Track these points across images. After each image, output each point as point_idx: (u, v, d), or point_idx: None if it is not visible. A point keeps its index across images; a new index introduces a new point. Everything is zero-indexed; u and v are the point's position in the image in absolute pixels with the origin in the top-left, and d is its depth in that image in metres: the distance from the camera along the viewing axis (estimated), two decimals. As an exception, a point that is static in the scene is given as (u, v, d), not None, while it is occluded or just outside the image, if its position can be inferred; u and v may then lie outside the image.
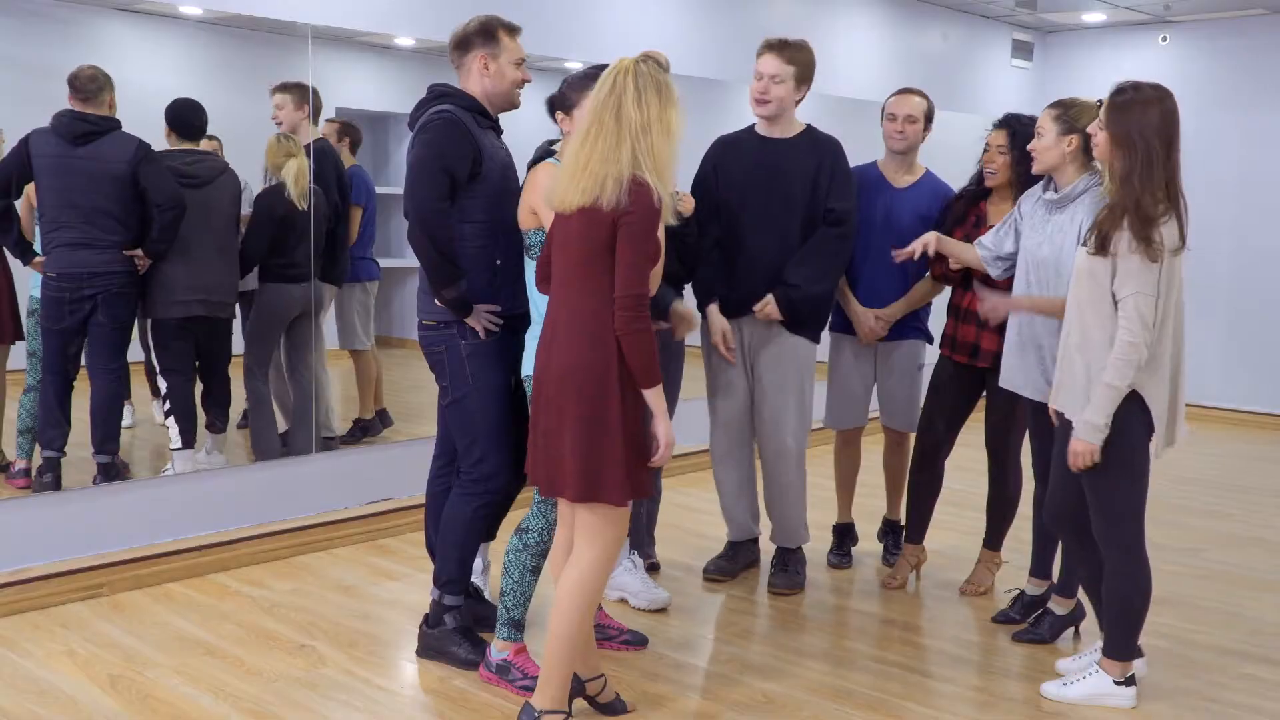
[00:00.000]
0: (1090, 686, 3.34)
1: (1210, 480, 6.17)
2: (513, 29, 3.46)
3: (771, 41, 4.04)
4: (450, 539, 3.49)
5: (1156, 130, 3.09)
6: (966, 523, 4.94)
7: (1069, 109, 3.60)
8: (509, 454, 3.45)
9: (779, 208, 4.05)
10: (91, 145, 4.08)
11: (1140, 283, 3.06)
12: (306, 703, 3.26)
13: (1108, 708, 3.31)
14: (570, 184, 2.82)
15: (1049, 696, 3.37)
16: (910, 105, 4.29)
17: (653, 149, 2.77)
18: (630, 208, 2.74)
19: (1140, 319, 3.06)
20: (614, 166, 2.76)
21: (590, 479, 2.80)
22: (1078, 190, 3.58)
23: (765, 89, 4.00)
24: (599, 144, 2.78)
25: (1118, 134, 3.12)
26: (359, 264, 5.19)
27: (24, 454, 4.23)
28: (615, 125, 2.77)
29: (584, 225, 2.80)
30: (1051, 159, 3.61)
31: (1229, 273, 7.77)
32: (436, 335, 3.40)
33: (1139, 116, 3.10)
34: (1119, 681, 3.32)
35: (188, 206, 4.29)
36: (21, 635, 3.70)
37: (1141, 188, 3.07)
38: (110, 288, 4.15)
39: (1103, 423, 3.14)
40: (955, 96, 7.64)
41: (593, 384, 2.79)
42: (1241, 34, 7.77)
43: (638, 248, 2.77)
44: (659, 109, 2.79)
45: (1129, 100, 3.13)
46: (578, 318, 2.83)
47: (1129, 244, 3.06)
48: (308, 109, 4.71)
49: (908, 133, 4.29)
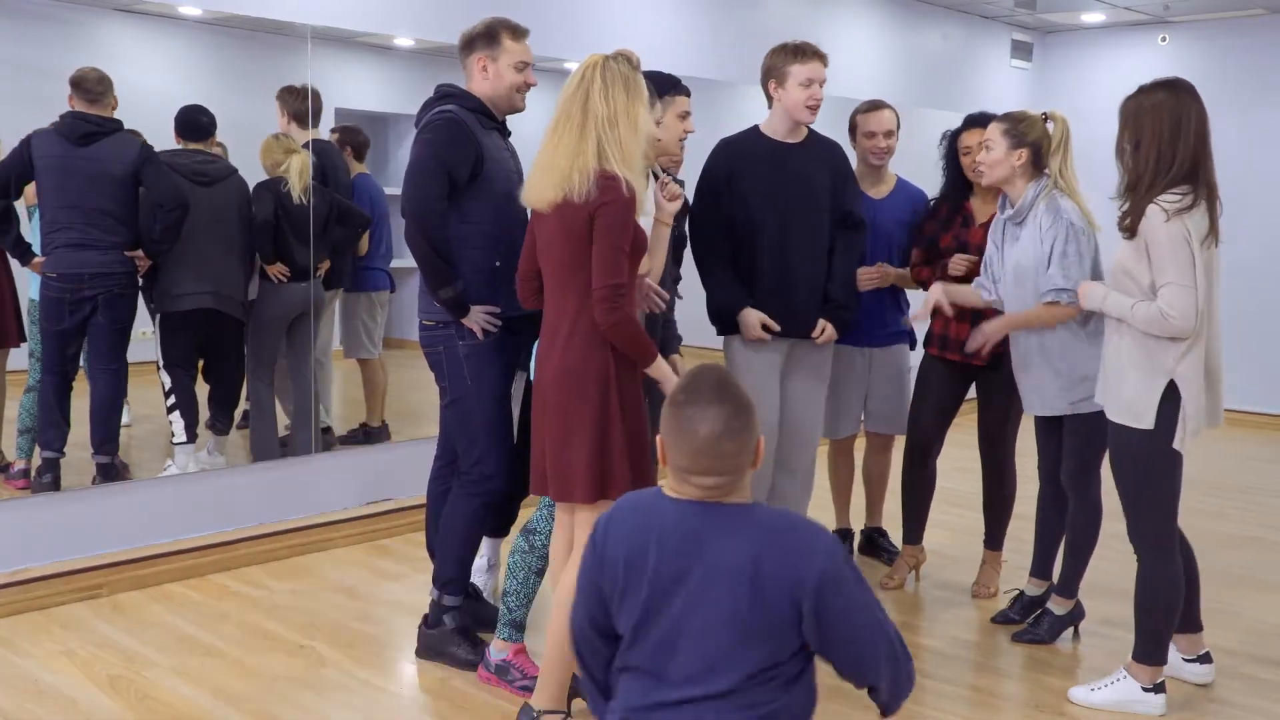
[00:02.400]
0: (1118, 692, 3.29)
1: (1210, 480, 6.17)
2: (518, 31, 3.44)
3: (818, 49, 3.87)
4: (449, 539, 3.49)
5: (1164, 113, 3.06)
6: (964, 522, 4.94)
7: (1018, 123, 3.65)
8: (508, 454, 3.45)
9: (812, 218, 3.92)
10: (94, 146, 4.08)
11: (1176, 272, 3.01)
12: (306, 703, 3.26)
13: (1129, 714, 3.26)
14: (542, 179, 2.85)
15: (1076, 702, 3.33)
16: (887, 121, 4.29)
17: (620, 141, 2.80)
18: (600, 200, 2.76)
19: (1177, 308, 2.99)
20: (580, 159, 2.78)
21: (598, 478, 2.83)
22: (1029, 199, 3.62)
23: (819, 97, 3.86)
24: (565, 137, 2.81)
25: (1124, 122, 3.13)
26: (367, 274, 5.18)
27: (24, 454, 4.23)
28: (581, 118, 2.80)
29: (561, 224, 2.82)
30: (1002, 172, 3.65)
31: (1229, 273, 7.61)
32: (436, 335, 3.40)
33: (1145, 105, 3.10)
34: (1147, 688, 3.26)
35: (199, 204, 4.32)
36: (21, 636, 3.70)
37: (1141, 168, 3.07)
38: (111, 288, 4.15)
39: (1099, 304, 3.17)
40: (955, 97, 7.63)
41: (591, 384, 2.81)
42: (1241, 34, 7.77)
43: (610, 240, 2.78)
44: (626, 103, 2.81)
45: (1137, 94, 3.14)
46: (569, 319, 2.85)
47: (1152, 230, 3.03)
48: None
49: (890, 147, 4.30)
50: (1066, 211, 3.53)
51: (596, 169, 2.78)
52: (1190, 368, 3.09)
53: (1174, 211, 3.01)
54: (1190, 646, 3.46)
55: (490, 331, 3.35)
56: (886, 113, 4.31)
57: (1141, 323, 3.07)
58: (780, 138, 3.95)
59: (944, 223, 4.15)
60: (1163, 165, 3.05)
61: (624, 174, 2.78)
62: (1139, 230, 3.06)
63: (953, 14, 7.73)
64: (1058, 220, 3.54)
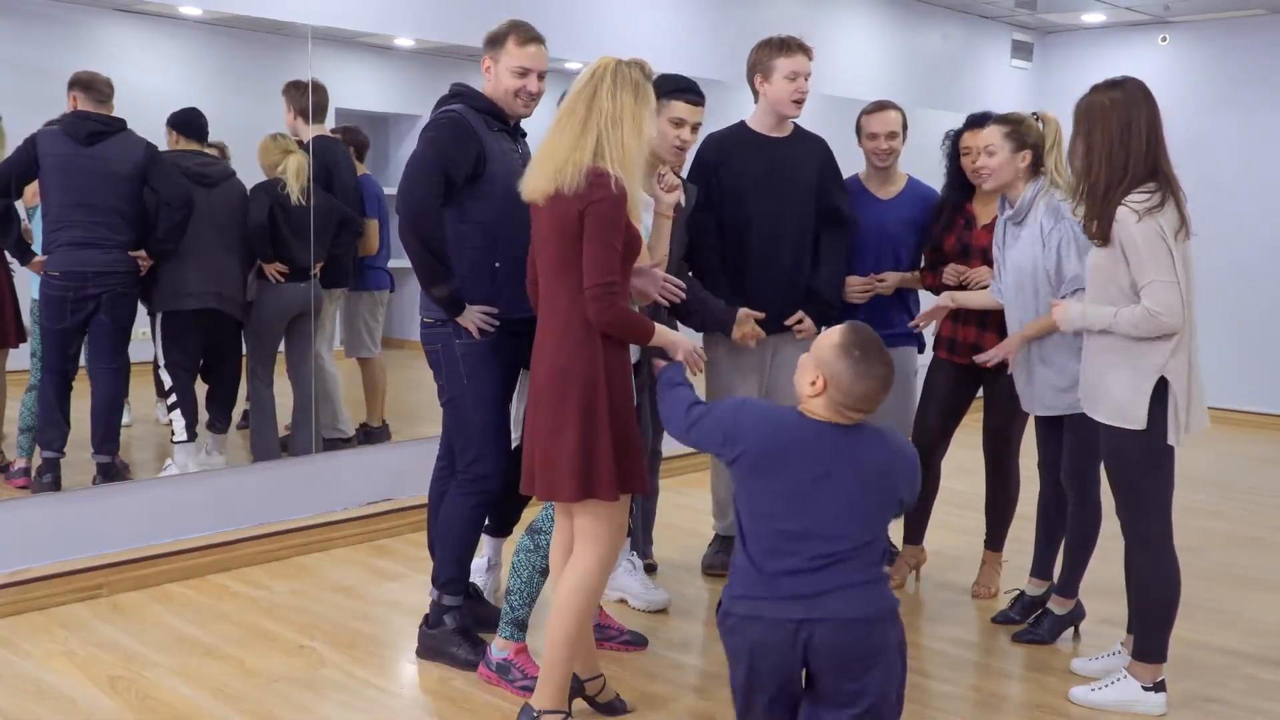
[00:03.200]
0: (1119, 692, 3.29)
1: (1210, 480, 6.17)
2: (527, 37, 3.39)
3: (804, 43, 3.97)
4: (447, 539, 3.49)
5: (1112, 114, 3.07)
6: (966, 523, 4.94)
7: (1018, 125, 3.67)
8: (505, 454, 3.45)
9: (797, 210, 3.99)
10: (101, 145, 4.10)
11: (1156, 270, 3.03)
12: (306, 703, 3.26)
13: (1130, 714, 3.26)
14: (538, 171, 2.86)
15: (1077, 702, 3.33)
16: (890, 122, 4.28)
17: (622, 142, 2.80)
18: (590, 197, 2.76)
19: (1162, 303, 3.01)
20: (576, 153, 2.79)
21: (583, 477, 2.81)
22: (1029, 199, 3.64)
23: (804, 90, 3.94)
24: (566, 131, 2.83)
25: (1076, 125, 3.15)
26: (369, 273, 5.19)
27: (24, 453, 4.23)
28: (585, 113, 2.82)
29: (553, 220, 2.83)
30: (1007, 175, 3.67)
31: (1229, 273, 7.77)
32: (435, 333, 3.41)
33: (1097, 106, 3.11)
34: (1147, 687, 3.26)
35: (201, 205, 4.33)
36: (21, 636, 3.70)
37: (1096, 171, 3.07)
38: (115, 287, 4.16)
39: (1079, 322, 3.19)
40: (955, 97, 7.64)
41: (581, 383, 2.81)
42: (1241, 34, 7.77)
43: (601, 237, 2.78)
44: (633, 106, 2.83)
45: (1089, 95, 3.15)
46: (560, 317, 2.86)
47: (1126, 232, 3.04)
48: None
49: (892, 149, 4.29)
50: (1067, 211, 3.53)
51: (589, 165, 2.78)
52: (1179, 363, 3.10)
53: (1144, 211, 3.02)
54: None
55: (487, 331, 3.35)
56: (889, 114, 4.29)
57: (1128, 327, 3.08)
58: (766, 131, 3.99)
59: (945, 225, 4.15)
60: (1116, 165, 3.06)
61: (617, 173, 2.78)
62: (1112, 235, 3.07)
63: (953, 14, 7.73)
64: (1060, 221, 3.54)
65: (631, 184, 2.83)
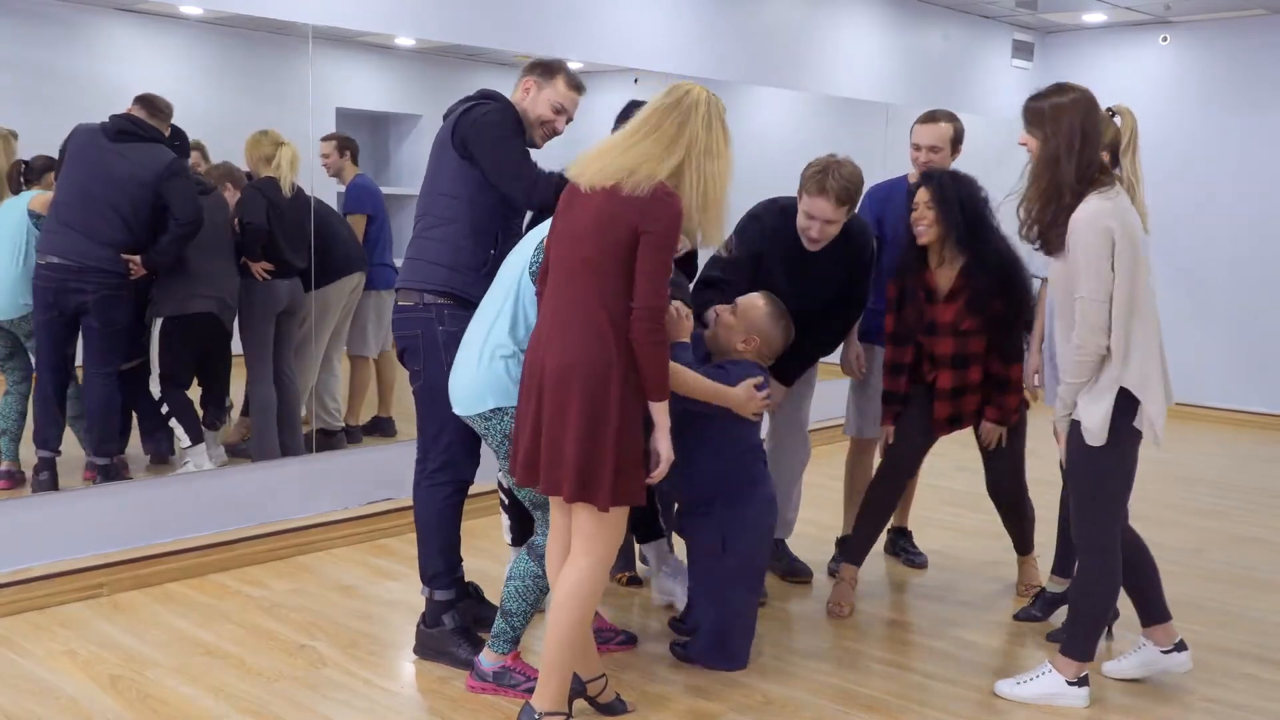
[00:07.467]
0: (1043, 686, 3.33)
1: (1210, 480, 6.17)
2: (576, 84, 3.49)
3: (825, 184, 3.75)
4: (427, 533, 3.50)
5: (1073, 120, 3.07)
6: (966, 523, 4.94)
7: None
8: (474, 443, 3.46)
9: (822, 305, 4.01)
10: (126, 145, 4.14)
11: (1088, 286, 3.05)
12: (306, 703, 3.26)
13: (1059, 708, 3.29)
14: (599, 161, 2.81)
15: (1003, 695, 3.36)
16: (935, 135, 4.23)
17: (713, 175, 2.79)
18: (654, 211, 2.73)
19: (1085, 322, 3.06)
20: (653, 165, 2.76)
21: (583, 479, 2.78)
22: None
23: (821, 233, 3.85)
24: (649, 141, 2.78)
25: (1033, 130, 3.14)
26: (378, 271, 5.18)
27: (9, 455, 4.22)
28: (675, 134, 2.78)
29: (600, 215, 2.77)
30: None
31: (1228, 273, 7.77)
32: (414, 318, 3.40)
33: (1053, 111, 3.10)
34: (1072, 682, 3.30)
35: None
36: (21, 635, 3.70)
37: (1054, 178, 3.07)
38: (101, 289, 4.13)
39: (1064, 414, 3.23)
40: (955, 97, 7.63)
41: (595, 381, 2.76)
42: (1241, 34, 7.77)
43: (659, 258, 2.75)
44: (725, 144, 2.83)
45: (1042, 98, 3.15)
46: (584, 313, 2.78)
47: (1073, 240, 3.05)
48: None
49: (932, 162, 4.21)
50: None
51: (659, 182, 2.74)
52: (1136, 372, 3.09)
53: (1106, 215, 3.02)
54: (1165, 637, 3.47)
55: None
56: (936, 127, 4.24)
57: (1076, 380, 3.13)
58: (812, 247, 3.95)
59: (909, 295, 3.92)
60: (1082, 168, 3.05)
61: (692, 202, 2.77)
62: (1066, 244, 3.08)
63: (953, 14, 7.73)
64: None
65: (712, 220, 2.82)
